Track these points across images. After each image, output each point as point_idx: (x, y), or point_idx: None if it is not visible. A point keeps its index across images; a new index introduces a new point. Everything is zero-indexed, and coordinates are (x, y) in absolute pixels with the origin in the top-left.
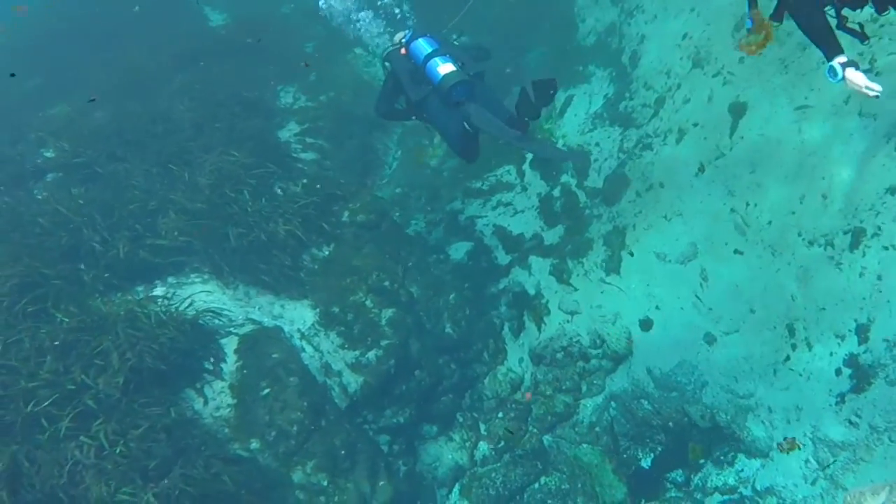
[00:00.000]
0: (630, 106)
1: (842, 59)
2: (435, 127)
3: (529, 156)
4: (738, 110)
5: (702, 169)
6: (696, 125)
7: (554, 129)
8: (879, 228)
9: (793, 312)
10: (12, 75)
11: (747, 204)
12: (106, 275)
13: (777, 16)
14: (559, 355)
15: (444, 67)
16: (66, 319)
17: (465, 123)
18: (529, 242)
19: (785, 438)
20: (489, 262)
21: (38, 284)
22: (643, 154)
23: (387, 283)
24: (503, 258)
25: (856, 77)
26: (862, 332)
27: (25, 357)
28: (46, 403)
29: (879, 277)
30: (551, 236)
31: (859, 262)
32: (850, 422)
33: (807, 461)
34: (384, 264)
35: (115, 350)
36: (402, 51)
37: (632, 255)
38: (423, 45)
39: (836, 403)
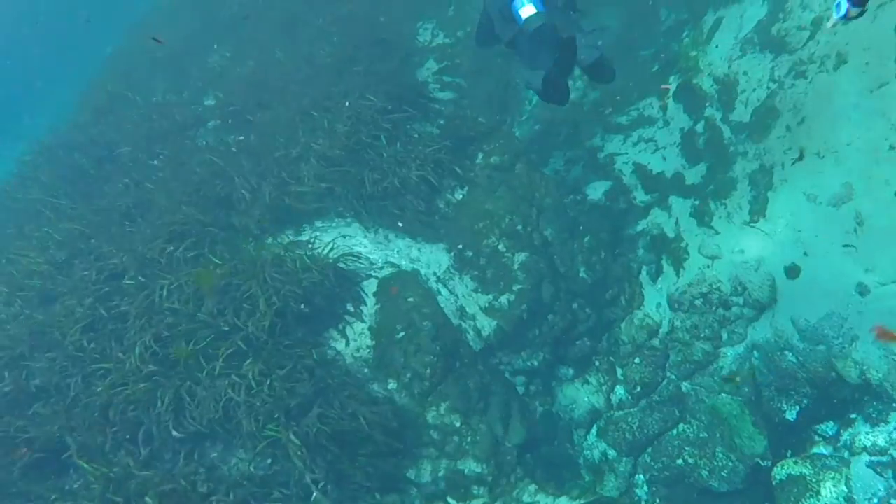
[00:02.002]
0: (784, 28)
1: None
2: (525, 66)
3: (673, 86)
4: None
5: (862, 99)
6: (857, 48)
7: (700, 57)
8: None
9: None
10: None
11: None
12: (256, 221)
13: None
14: (698, 302)
15: (526, 10)
16: (220, 263)
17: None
18: (670, 181)
19: None
20: (628, 202)
21: (196, 231)
22: (796, 83)
23: (520, 227)
24: (642, 198)
25: None
26: None
27: (186, 300)
28: (204, 343)
29: None
30: (693, 175)
31: None
32: None
33: None
34: (518, 207)
35: (262, 294)
36: None
37: (780, 196)
38: None
39: None
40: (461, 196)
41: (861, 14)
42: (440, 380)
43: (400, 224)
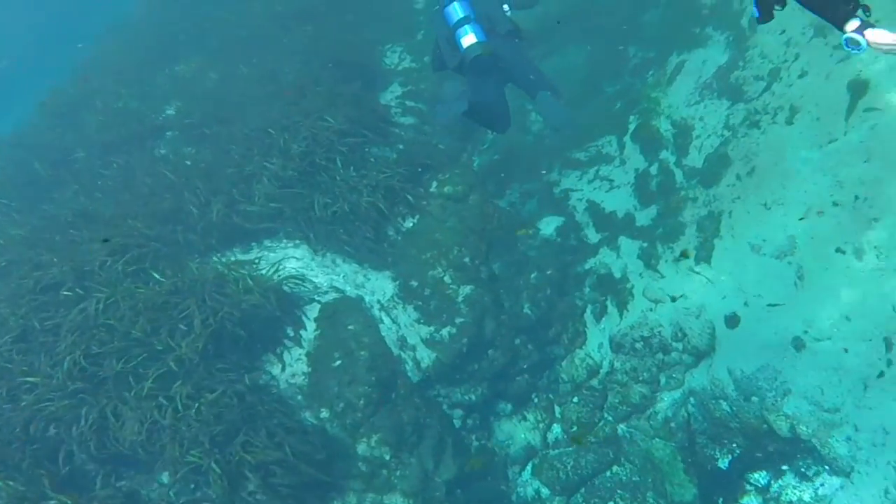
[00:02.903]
0: (742, 77)
1: (853, 24)
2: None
3: (632, 126)
4: (857, 88)
5: (811, 153)
6: (810, 102)
7: (661, 98)
8: None
9: (894, 325)
10: None
11: (856, 198)
12: (202, 238)
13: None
14: (639, 345)
15: (468, 39)
16: (161, 279)
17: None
18: (622, 221)
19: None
20: (579, 239)
21: (140, 245)
22: (749, 132)
23: (467, 259)
24: (593, 236)
25: (880, 37)
26: None
27: (121, 316)
28: (135, 362)
29: None
30: (644, 217)
31: None
32: None
33: (887, 491)
34: (467, 239)
35: (199, 315)
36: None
37: (725, 244)
38: (455, 11)
39: None
40: (411, 224)
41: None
42: (373, 411)
43: (348, 249)
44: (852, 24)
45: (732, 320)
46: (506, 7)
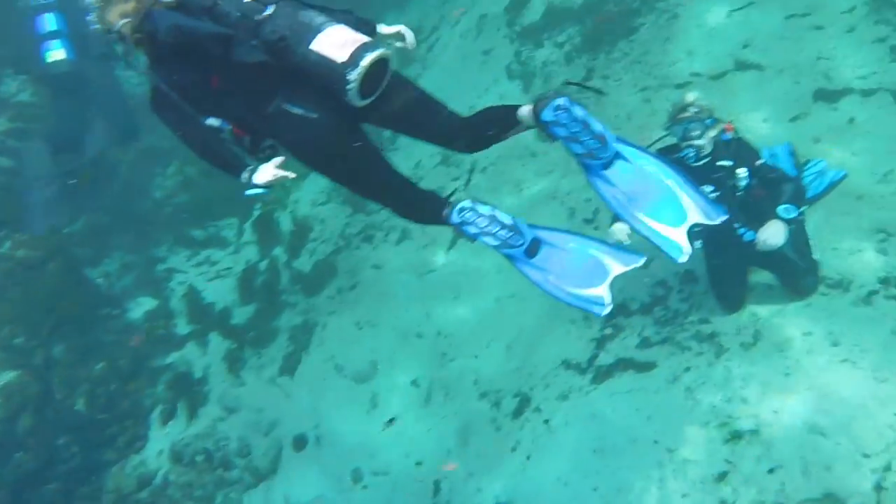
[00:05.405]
0: None
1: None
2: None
3: (257, 213)
4: None
5: (411, 278)
6: (416, 230)
7: (292, 190)
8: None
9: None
10: None
11: (439, 333)
12: None
13: None
14: (200, 458)
15: (56, 54)
16: None
17: None
18: (217, 316)
19: None
20: (167, 329)
21: None
22: (361, 246)
23: (20, 340)
24: (184, 327)
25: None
26: None
27: None
28: None
29: (528, 457)
30: (241, 315)
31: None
32: None
33: None
34: (25, 316)
35: None
36: None
37: (312, 358)
38: (48, 21)
39: None
40: None
41: None
42: None
43: None
44: None
45: (300, 442)
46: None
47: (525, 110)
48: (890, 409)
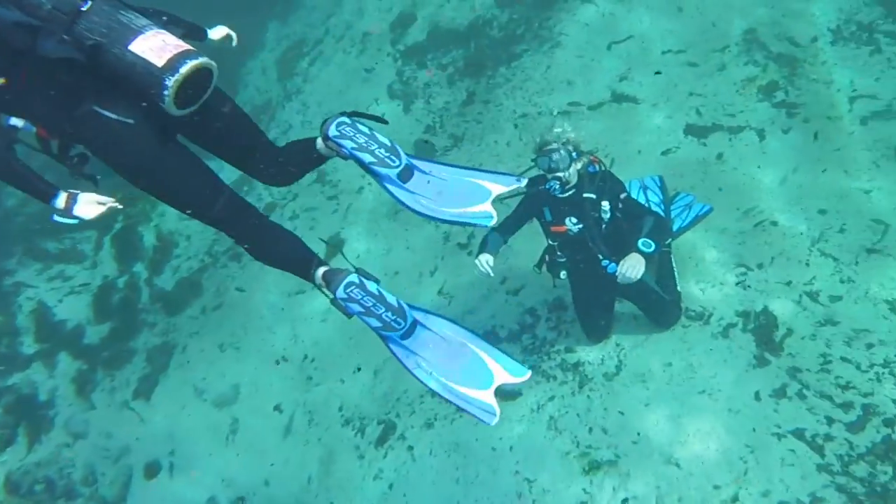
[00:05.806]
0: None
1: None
2: None
3: (118, 226)
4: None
5: (280, 300)
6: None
7: (151, 210)
8: (404, 434)
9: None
10: None
11: (305, 357)
12: None
13: None
14: (39, 487)
15: None
16: None
17: None
18: (68, 334)
19: None
20: (11, 347)
21: None
22: (229, 264)
23: None
24: (30, 346)
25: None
26: None
27: None
28: None
29: (390, 486)
30: (94, 334)
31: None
32: None
33: None
34: None
35: None
36: None
37: (170, 381)
38: None
39: None
40: None
41: None
42: None
43: None
44: None
45: (151, 469)
46: None
47: (319, 141)
48: (741, 441)
